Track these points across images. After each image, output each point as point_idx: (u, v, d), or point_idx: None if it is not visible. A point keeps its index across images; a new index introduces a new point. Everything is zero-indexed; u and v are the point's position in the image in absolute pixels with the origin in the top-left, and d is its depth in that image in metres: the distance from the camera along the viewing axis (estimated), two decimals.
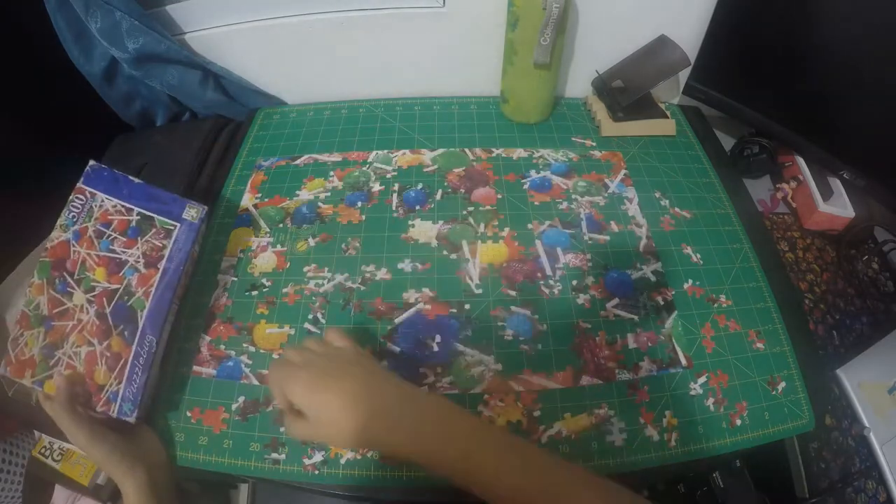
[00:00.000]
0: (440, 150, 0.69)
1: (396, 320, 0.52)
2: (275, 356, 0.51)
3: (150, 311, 0.47)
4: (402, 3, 0.67)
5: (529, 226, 0.60)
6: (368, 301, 0.54)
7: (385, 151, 0.69)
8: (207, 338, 0.52)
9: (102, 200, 0.50)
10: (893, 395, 0.50)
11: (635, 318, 0.53)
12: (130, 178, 0.51)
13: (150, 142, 0.73)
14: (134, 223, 0.50)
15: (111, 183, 0.51)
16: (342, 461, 0.45)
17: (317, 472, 0.45)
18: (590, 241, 0.59)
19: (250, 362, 0.50)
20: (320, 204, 0.63)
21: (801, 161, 0.71)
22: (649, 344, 0.52)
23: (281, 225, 0.61)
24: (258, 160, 0.69)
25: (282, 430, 0.47)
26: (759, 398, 0.50)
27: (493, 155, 0.68)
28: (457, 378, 0.49)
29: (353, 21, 0.69)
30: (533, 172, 0.66)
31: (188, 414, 0.48)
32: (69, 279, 0.47)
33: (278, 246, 0.59)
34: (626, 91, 0.70)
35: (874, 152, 0.62)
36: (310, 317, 0.53)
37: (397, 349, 0.51)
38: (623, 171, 0.67)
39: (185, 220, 0.51)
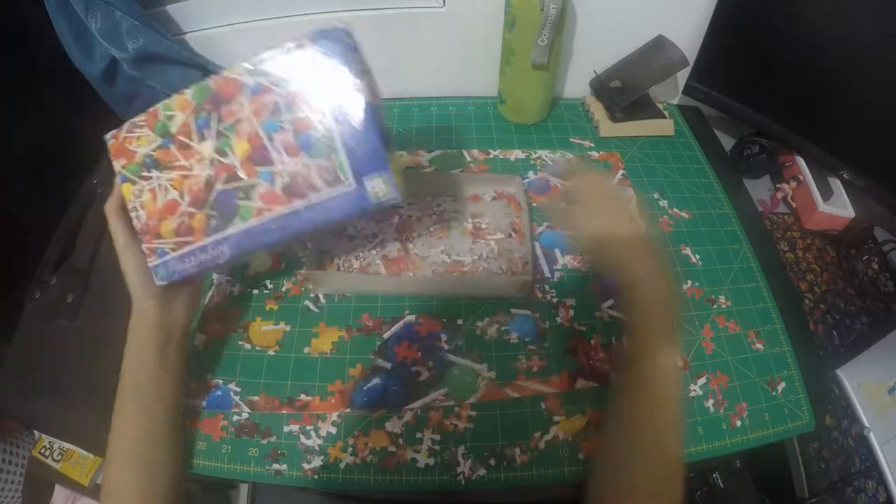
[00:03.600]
0: (437, 152, 0.68)
1: (386, 335, 0.52)
2: (270, 353, 0.51)
3: (246, 232, 0.38)
4: (401, 4, 0.67)
5: None
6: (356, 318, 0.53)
7: None
8: (203, 336, 0.52)
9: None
10: (893, 395, 0.50)
11: None
12: (373, 87, 0.39)
13: None
14: (317, 136, 0.36)
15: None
16: (341, 465, 0.45)
17: (316, 476, 0.45)
18: None
19: (239, 390, 0.48)
20: None
21: (801, 161, 0.71)
22: None
23: None
24: None
25: None
26: (759, 399, 0.50)
27: (491, 156, 0.68)
28: (451, 389, 0.48)
29: (352, 21, 0.68)
30: (531, 174, 0.66)
31: (185, 423, 0.46)
32: (213, 123, 0.38)
33: None
34: (624, 91, 0.70)
35: (874, 152, 0.61)
36: (304, 303, 0.54)
37: (388, 365, 0.50)
38: (621, 172, 0.67)
39: (364, 190, 0.36)
